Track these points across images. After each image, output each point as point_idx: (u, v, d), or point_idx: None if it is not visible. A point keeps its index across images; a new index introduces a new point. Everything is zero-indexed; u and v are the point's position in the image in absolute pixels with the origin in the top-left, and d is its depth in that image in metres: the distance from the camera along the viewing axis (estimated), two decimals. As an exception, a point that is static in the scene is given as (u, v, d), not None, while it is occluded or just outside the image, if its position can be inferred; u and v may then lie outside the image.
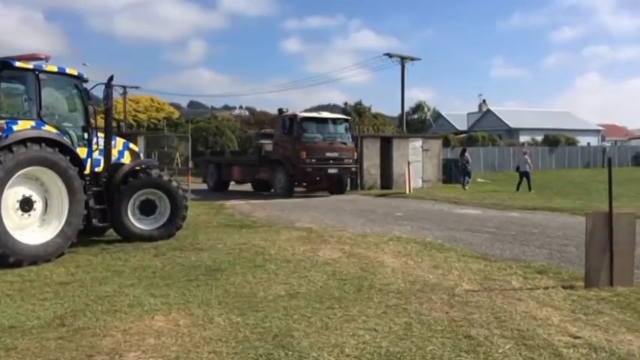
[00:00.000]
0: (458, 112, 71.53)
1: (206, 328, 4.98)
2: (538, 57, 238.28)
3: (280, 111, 21.65)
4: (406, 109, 39.37)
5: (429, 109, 69.28)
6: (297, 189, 21.54)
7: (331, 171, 20.55)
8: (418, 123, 63.33)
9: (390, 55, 34.91)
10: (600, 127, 68.19)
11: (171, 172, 15.98)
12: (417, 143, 25.85)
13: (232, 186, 24.77)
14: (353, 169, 21.59)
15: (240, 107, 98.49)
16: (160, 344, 4.59)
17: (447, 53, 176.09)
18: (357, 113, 55.03)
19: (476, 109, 68.54)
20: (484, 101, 67.60)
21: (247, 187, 24.07)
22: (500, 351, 4.35)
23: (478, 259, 8.18)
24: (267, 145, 21.72)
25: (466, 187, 24.12)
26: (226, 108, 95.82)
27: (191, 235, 10.50)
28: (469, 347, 4.44)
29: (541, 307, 5.56)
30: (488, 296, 5.99)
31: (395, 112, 49.22)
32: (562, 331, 4.78)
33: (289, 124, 20.27)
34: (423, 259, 8.16)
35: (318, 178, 21.06)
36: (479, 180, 29.32)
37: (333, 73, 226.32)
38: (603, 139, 66.34)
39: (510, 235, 10.69)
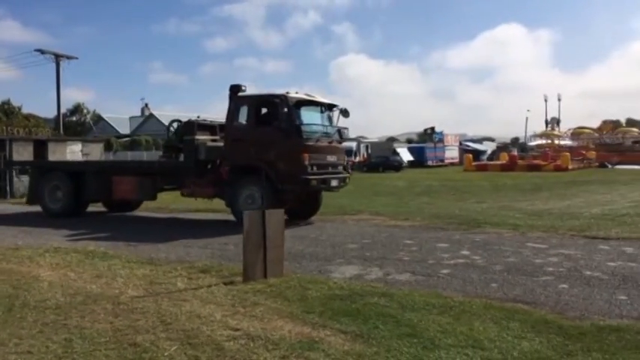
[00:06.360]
0: (120, 115, 69.84)
1: None
2: (195, 64, 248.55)
3: (237, 88, 13.03)
4: (63, 110, 36.80)
5: (88, 112, 66.81)
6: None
7: (334, 184, 13.29)
8: (77, 126, 60.32)
9: (42, 52, 32.13)
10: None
11: None
12: (76, 147, 24.93)
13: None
14: (347, 181, 14.10)
15: None
16: None
17: (105, 53, 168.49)
18: (4, 113, 49.50)
19: (138, 113, 67.89)
20: (147, 105, 67.44)
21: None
22: (166, 354, 4.37)
23: (144, 264, 8.09)
24: (210, 142, 13.82)
25: None
26: None
27: None
28: (135, 355, 4.35)
29: (204, 305, 5.79)
30: (154, 301, 5.97)
31: (51, 113, 45.47)
32: (224, 326, 5.06)
33: (277, 110, 12.38)
34: (84, 269, 7.70)
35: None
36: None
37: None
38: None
39: (175, 237, 10.89)
